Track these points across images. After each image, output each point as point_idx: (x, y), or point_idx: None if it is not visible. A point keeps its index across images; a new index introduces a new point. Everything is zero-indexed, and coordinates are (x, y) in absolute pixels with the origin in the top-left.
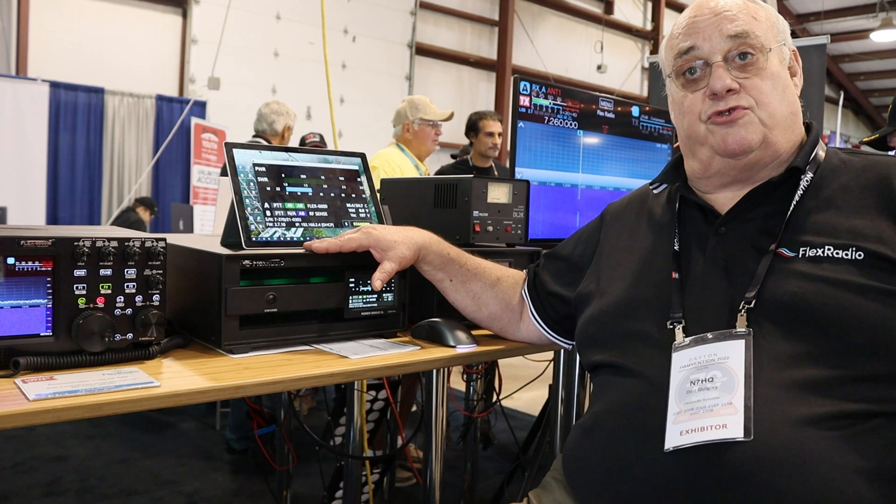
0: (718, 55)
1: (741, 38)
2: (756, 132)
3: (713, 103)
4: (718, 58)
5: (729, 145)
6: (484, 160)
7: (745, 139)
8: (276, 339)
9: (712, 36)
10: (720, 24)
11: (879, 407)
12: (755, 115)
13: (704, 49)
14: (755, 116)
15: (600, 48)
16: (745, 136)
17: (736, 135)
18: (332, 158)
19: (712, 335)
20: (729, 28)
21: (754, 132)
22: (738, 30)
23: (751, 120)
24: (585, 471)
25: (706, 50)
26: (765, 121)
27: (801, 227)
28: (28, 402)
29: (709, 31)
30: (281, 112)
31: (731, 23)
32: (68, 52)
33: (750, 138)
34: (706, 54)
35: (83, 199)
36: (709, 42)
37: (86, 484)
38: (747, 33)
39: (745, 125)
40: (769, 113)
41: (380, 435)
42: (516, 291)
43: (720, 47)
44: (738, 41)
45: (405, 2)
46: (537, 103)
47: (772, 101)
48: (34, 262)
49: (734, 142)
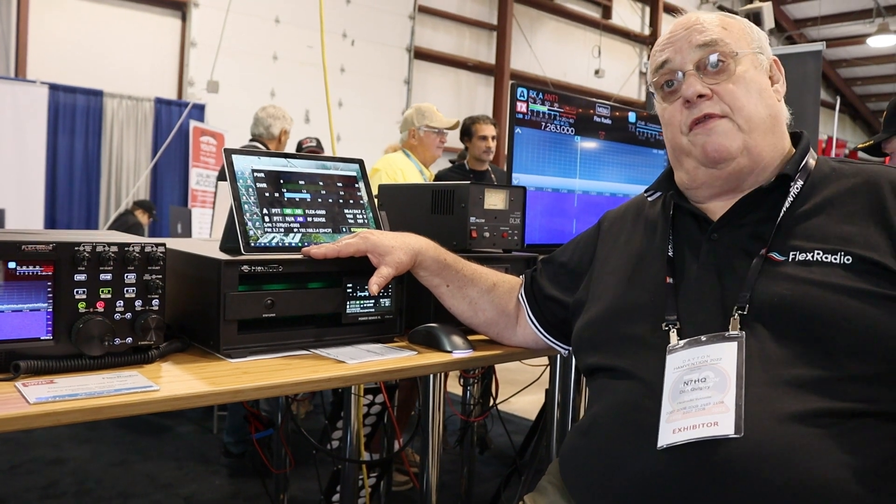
0: (690, 64)
1: (710, 45)
2: (734, 139)
3: (689, 112)
4: (690, 66)
5: (709, 153)
6: (480, 164)
7: (722, 146)
8: (275, 343)
9: (683, 48)
10: (690, 36)
11: (866, 406)
12: (732, 121)
13: (677, 61)
14: (732, 123)
15: (598, 53)
16: (724, 142)
17: (714, 142)
18: (331, 165)
19: (706, 338)
20: (698, 38)
21: (732, 139)
22: (707, 39)
23: (728, 127)
24: (581, 470)
25: (678, 61)
26: (742, 126)
27: (792, 232)
28: (29, 405)
29: (680, 43)
30: (277, 116)
31: (701, 34)
32: (67, 55)
33: (728, 144)
34: (679, 65)
35: (81, 202)
36: (680, 54)
37: (83, 487)
38: (716, 41)
39: (722, 133)
40: (745, 117)
41: (377, 439)
42: (512, 296)
43: (691, 57)
44: (708, 49)
45: (404, 6)
46: (534, 109)
47: (746, 105)
48: (35, 266)
49: (713, 149)
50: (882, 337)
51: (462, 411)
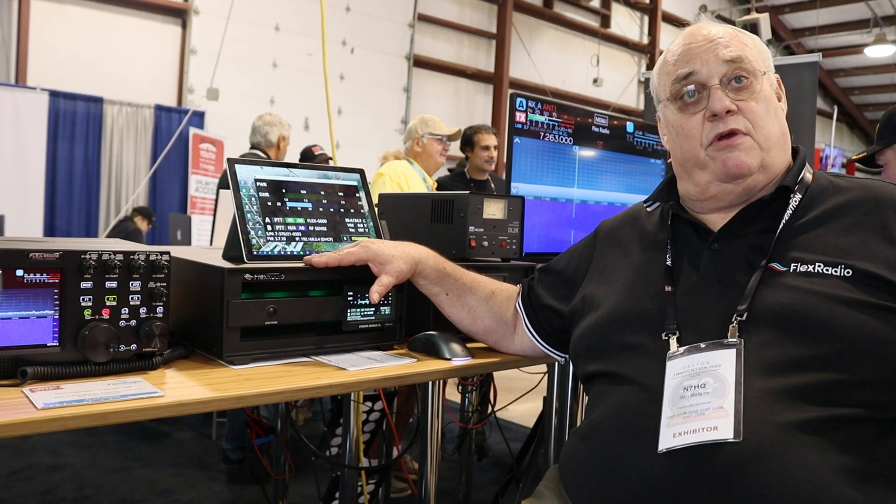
0: (716, 78)
1: (736, 62)
2: (755, 157)
3: (713, 126)
4: (716, 81)
5: (729, 169)
6: (481, 173)
7: (744, 163)
8: (276, 350)
9: (709, 61)
10: (716, 49)
11: (863, 412)
12: (753, 139)
13: (703, 73)
14: (753, 141)
15: (597, 61)
16: (745, 159)
17: (736, 158)
18: (332, 174)
19: (705, 345)
20: (724, 53)
21: (753, 157)
22: (734, 55)
23: (750, 145)
24: (581, 473)
25: (704, 74)
26: (762, 144)
27: (792, 243)
28: (37, 410)
29: (705, 56)
30: (274, 123)
31: (726, 48)
32: (68, 62)
33: (749, 162)
34: (704, 78)
35: (81, 208)
36: (706, 66)
37: (82, 493)
38: (742, 58)
39: (744, 150)
40: (765, 136)
41: (375, 445)
42: (510, 305)
43: (717, 71)
44: (734, 66)
45: (403, 14)
46: (533, 119)
47: (766, 124)
48: (42, 274)
49: (734, 165)
50: (881, 346)
51: (460, 418)
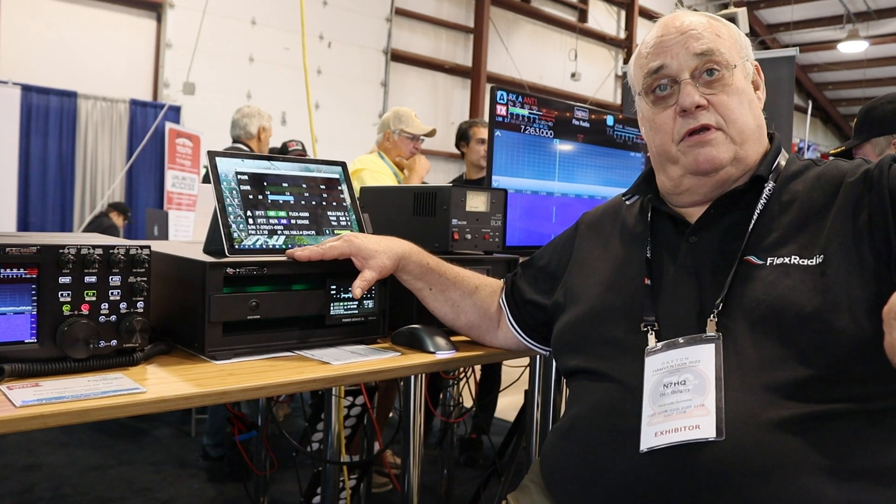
0: (686, 72)
1: (707, 55)
2: (727, 150)
3: (684, 121)
4: (686, 75)
5: (700, 164)
6: (478, 171)
7: (715, 157)
8: (259, 345)
9: (679, 54)
10: (686, 42)
11: (845, 406)
12: (725, 133)
13: (672, 67)
14: (725, 136)
15: (574, 56)
16: (717, 154)
17: (707, 154)
18: (314, 167)
19: (683, 339)
20: (695, 46)
21: (725, 151)
22: (704, 47)
23: (721, 140)
24: (563, 473)
25: (674, 68)
26: (734, 138)
27: (767, 233)
28: (15, 408)
29: (676, 49)
30: (252, 114)
31: (697, 41)
32: (40, 55)
33: (721, 157)
34: (674, 72)
35: (55, 204)
36: (676, 60)
37: (59, 492)
38: (713, 51)
39: (716, 145)
40: (738, 129)
41: (357, 440)
42: (494, 300)
43: (687, 65)
44: (705, 59)
45: (380, 8)
46: (514, 112)
47: (739, 117)
48: (19, 269)
49: (705, 160)
50: (860, 339)
51: (442, 412)
